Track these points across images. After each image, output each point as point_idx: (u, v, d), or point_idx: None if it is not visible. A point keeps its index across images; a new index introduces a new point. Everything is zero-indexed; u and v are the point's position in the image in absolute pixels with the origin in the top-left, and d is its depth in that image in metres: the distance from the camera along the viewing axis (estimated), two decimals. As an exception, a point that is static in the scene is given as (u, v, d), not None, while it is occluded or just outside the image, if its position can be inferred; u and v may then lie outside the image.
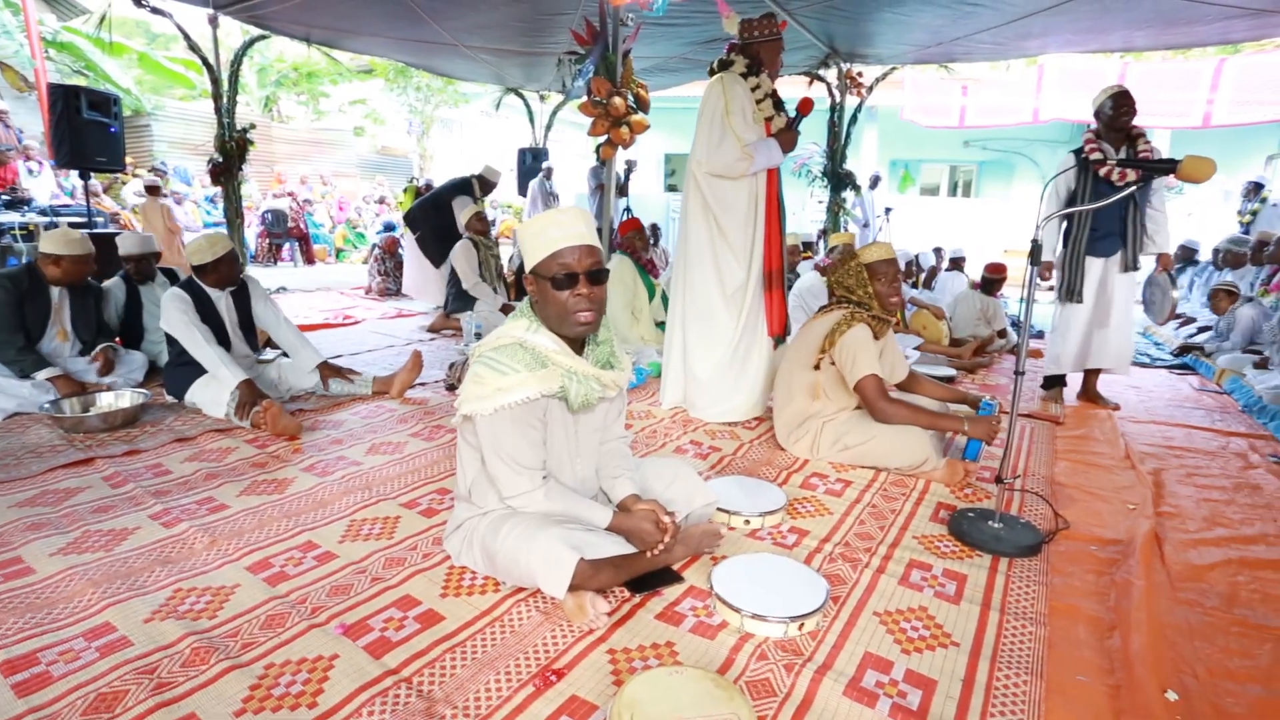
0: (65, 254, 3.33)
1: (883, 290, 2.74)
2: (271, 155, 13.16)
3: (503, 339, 1.66)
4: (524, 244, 1.66)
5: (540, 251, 1.62)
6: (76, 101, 6.50)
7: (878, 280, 2.73)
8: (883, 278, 2.73)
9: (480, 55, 7.27)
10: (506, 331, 1.67)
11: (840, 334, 2.66)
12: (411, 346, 4.82)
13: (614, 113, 4.39)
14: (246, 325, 3.40)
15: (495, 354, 1.63)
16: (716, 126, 3.01)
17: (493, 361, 1.62)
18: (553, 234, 1.61)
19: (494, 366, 1.61)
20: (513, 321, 1.70)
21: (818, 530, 2.17)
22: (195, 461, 2.58)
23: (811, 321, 2.87)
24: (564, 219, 1.63)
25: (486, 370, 1.61)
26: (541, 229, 1.62)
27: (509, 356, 1.61)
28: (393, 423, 3.09)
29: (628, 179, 7.43)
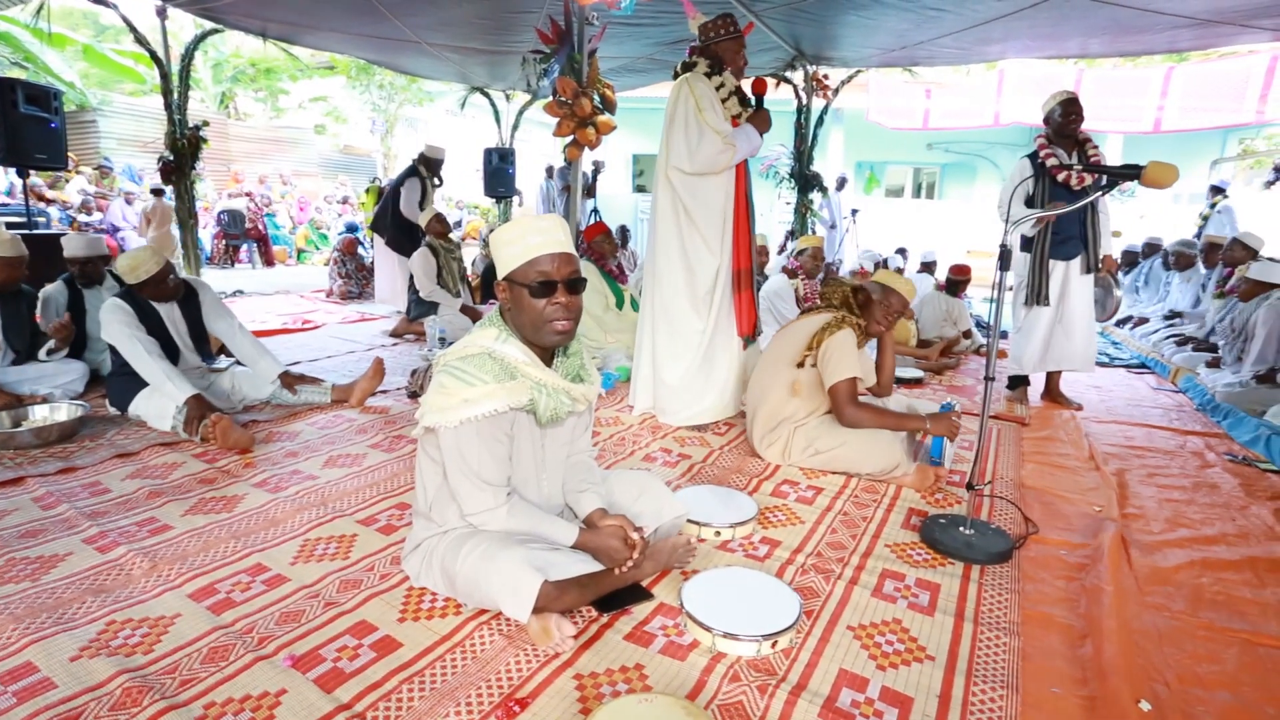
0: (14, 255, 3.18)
1: (880, 319, 2.75)
2: (228, 154, 12.76)
3: (470, 348, 1.58)
4: (499, 250, 1.59)
5: (516, 258, 1.55)
6: (12, 95, 6.15)
7: (884, 308, 2.73)
8: (890, 310, 2.74)
9: (444, 53, 7.12)
10: (474, 340, 1.59)
11: (829, 334, 2.64)
12: (373, 352, 4.68)
13: (580, 113, 4.32)
14: (197, 335, 3.24)
15: (462, 363, 1.55)
16: (693, 125, 2.98)
17: (459, 371, 1.54)
18: (531, 240, 1.54)
19: (460, 376, 1.53)
20: (481, 330, 1.62)
21: (789, 540, 2.13)
22: (137, 479, 2.44)
23: (797, 321, 2.86)
24: (543, 225, 1.57)
25: (452, 380, 1.53)
26: (519, 235, 1.55)
27: (476, 366, 1.54)
28: (351, 433, 2.97)
29: (595, 180, 7.34)
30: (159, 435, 2.89)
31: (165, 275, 3.02)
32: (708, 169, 3.03)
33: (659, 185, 3.17)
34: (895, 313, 2.78)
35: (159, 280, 3.00)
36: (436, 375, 1.58)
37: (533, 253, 1.54)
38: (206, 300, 3.27)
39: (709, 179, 3.08)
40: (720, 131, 2.98)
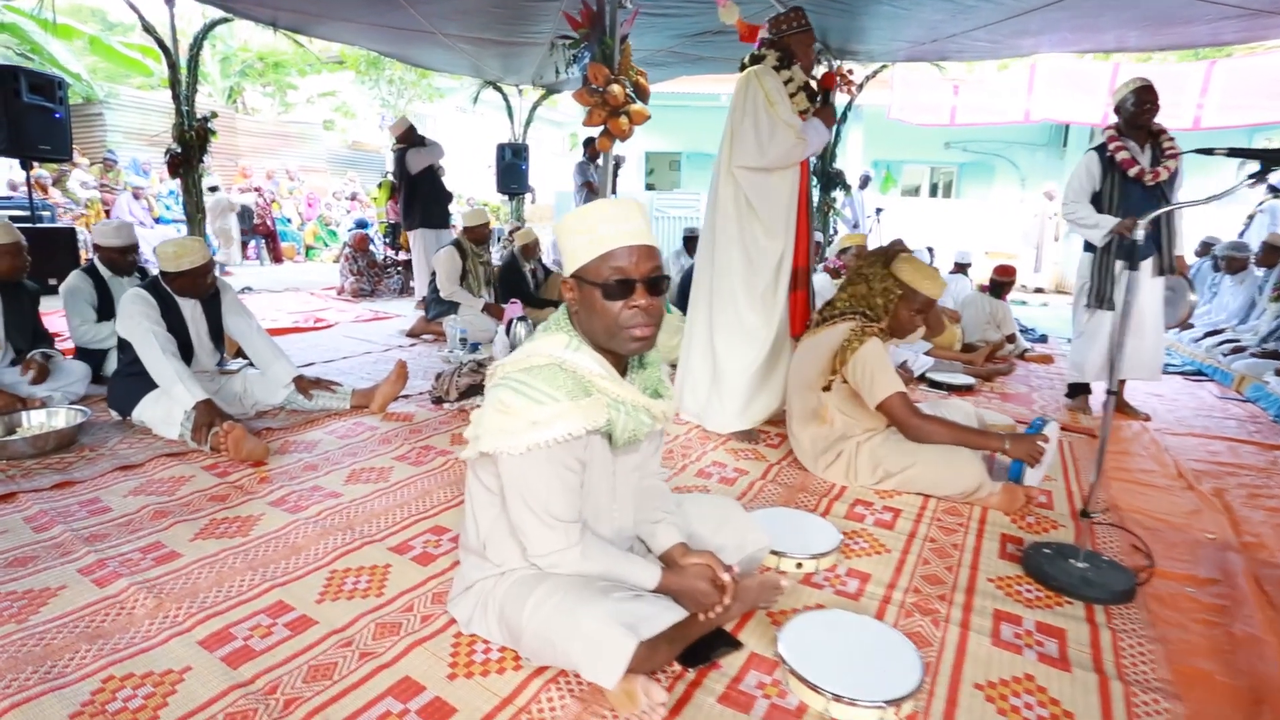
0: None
1: (905, 320, 2.48)
2: (236, 148, 12.53)
3: (535, 357, 1.32)
4: (565, 240, 1.33)
5: (586, 252, 1.29)
6: (15, 83, 5.97)
7: (909, 307, 2.46)
8: (916, 309, 2.47)
9: (458, 44, 6.90)
10: (539, 348, 1.34)
11: (852, 350, 2.38)
12: (391, 354, 4.43)
13: (612, 102, 4.07)
14: (215, 335, 3.01)
15: (527, 377, 1.29)
16: (764, 119, 2.80)
17: (524, 386, 1.28)
18: (604, 231, 1.29)
19: (526, 393, 1.27)
20: (546, 335, 1.36)
21: (879, 573, 1.88)
22: (141, 495, 2.19)
23: (814, 335, 2.59)
24: (618, 213, 1.31)
25: (516, 397, 1.27)
26: (589, 224, 1.30)
27: (545, 381, 1.28)
28: (374, 444, 2.72)
29: (616, 177, 7.09)
30: (165, 444, 2.65)
31: (208, 269, 2.80)
32: (779, 163, 2.85)
33: (720, 182, 2.98)
34: (920, 311, 2.50)
35: (200, 274, 2.78)
36: (494, 391, 1.33)
37: (605, 245, 1.29)
38: (227, 299, 3.03)
39: (775, 175, 2.89)
40: (792, 125, 2.78)
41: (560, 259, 1.38)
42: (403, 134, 6.09)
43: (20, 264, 3.04)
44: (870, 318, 2.48)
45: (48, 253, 6.49)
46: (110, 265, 3.57)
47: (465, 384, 3.09)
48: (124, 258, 3.58)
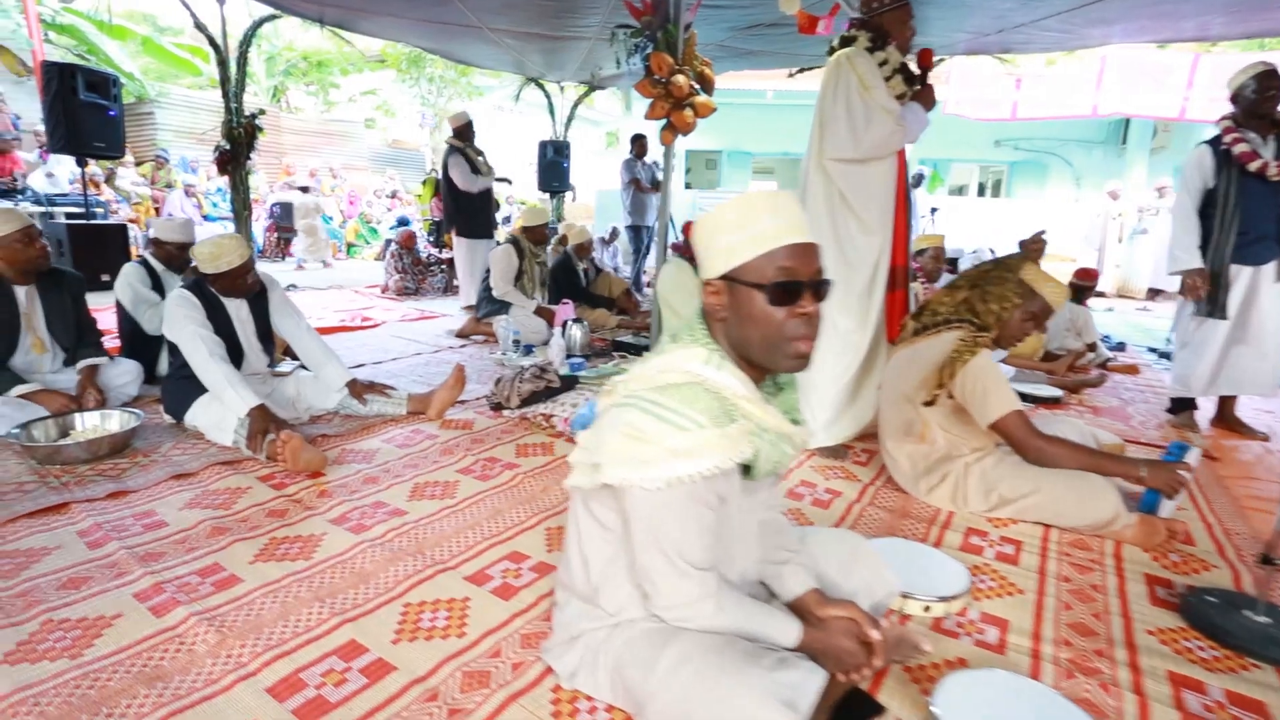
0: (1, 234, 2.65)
1: (1016, 329, 2.23)
2: (280, 146, 12.65)
3: (669, 373, 1.12)
4: (712, 237, 1.13)
5: (746, 249, 1.09)
6: (73, 81, 6.01)
7: (1025, 316, 2.21)
8: (1031, 318, 2.22)
9: (504, 39, 6.79)
10: (674, 364, 1.13)
11: (962, 363, 2.13)
12: (441, 355, 4.28)
13: (676, 93, 3.87)
14: (264, 335, 2.88)
15: (663, 397, 1.09)
16: (857, 106, 2.57)
17: (661, 409, 1.08)
18: (766, 225, 1.08)
19: (665, 417, 1.07)
20: (679, 347, 1.16)
21: (1018, 620, 1.64)
22: (197, 508, 2.05)
23: (911, 344, 2.35)
24: (780, 204, 1.11)
25: (653, 422, 1.07)
26: (749, 218, 1.09)
27: (687, 403, 1.08)
28: (435, 454, 2.56)
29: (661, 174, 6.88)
30: (219, 450, 2.52)
31: (248, 269, 2.67)
32: (877, 152, 2.61)
33: (810, 176, 2.76)
34: (1037, 322, 2.26)
35: (240, 274, 2.65)
36: (620, 412, 1.13)
37: (769, 241, 1.08)
38: (275, 298, 2.90)
39: (871, 167, 2.65)
40: (890, 110, 2.54)
41: (701, 258, 1.17)
42: (459, 129, 5.88)
43: (35, 253, 2.76)
44: (978, 326, 2.24)
45: (100, 249, 6.55)
46: (167, 261, 3.49)
47: (528, 390, 2.91)
48: (183, 254, 3.49)
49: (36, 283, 2.82)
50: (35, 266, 2.75)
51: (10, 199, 7.52)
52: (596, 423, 1.21)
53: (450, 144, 5.81)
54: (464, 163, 5.67)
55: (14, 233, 2.67)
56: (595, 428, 1.20)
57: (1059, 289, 2.20)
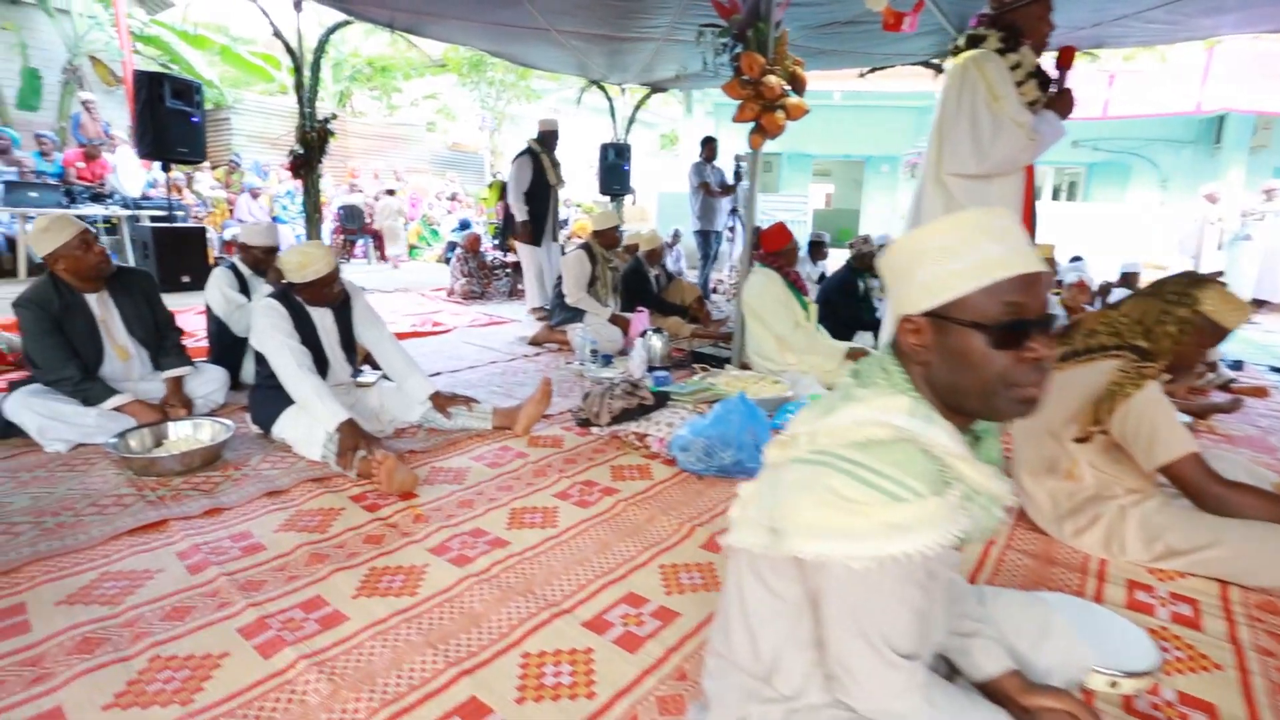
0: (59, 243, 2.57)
1: (1191, 357, 1.96)
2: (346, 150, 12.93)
3: (870, 427, 0.93)
4: (922, 267, 0.95)
5: (965, 281, 0.90)
6: (160, 89, 6.19)
7: (1202, 344, 1.95)
8: (1207, 346, 1.96)
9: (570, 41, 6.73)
10: (873, 415, 0.94)
11: (1124, 396, 1.87)
12: (517, 363, 4.19)
13: (767, 94, 3.68)
14: (348, 344, 2.82)
15: (869, 458, 0.91)
16: (984, 117, 2.33)
17: (869, 473, 0.90)
18: (989, 252, 0.90)
19: (876, 484, 0.89)
20: (875, 395, 0.97)
21: (1227, 705, 1.40)
22: (292, 531, 1.97)
23: (1061, 370, 2.09)
24: (1002, 225, 0.92)
25: (861, 488, 0.89)
26: (963, 243, 0.91)
27: (902, 467, 0.89)
28: (528, 475, 2.43)
29: (738, 178, 6.69)
30: (307, 465, 2.45)
31: (334, 278, 2.60)
32: (1004, 168, 2.38)
33: (928, 191, 2.55)
34: (1209, 348, 1.99)
35: (326, 283, 2.58)
36: (814, 472, 0.95)
37: (992, 273, 0.89)
38: (359, 307, 2.83)
39: (997, 182, 2.42)
40: (1022, 123, 2.30)
41: (896, 290, 1.00)
42: (544, 134, 5.73)
43: (95, 258, 2.65)
44: (1142, 353, 1.98)
45: (180, 251, 6.73)
46: (253, 265, 3.50)
47: (619, 408, 2.77)
48: (269, 258, 3.49)
49: (106, 288, 2.75)
50: (98, 272, 2.67)
51: (100, 202, 7.83)
52: (771, 479, 1.04)
53: (530, 145, 5.70)
54: (527, 169, 5.55)
55: (71, 239, 2.59)
56: (771, 485, 1.02)
57: (1241, 313, 1.94)
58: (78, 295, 2.67)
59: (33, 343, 2.58)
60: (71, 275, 2.64)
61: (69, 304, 2.64)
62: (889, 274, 1.03)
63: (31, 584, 1.68)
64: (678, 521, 2.10)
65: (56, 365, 2.58)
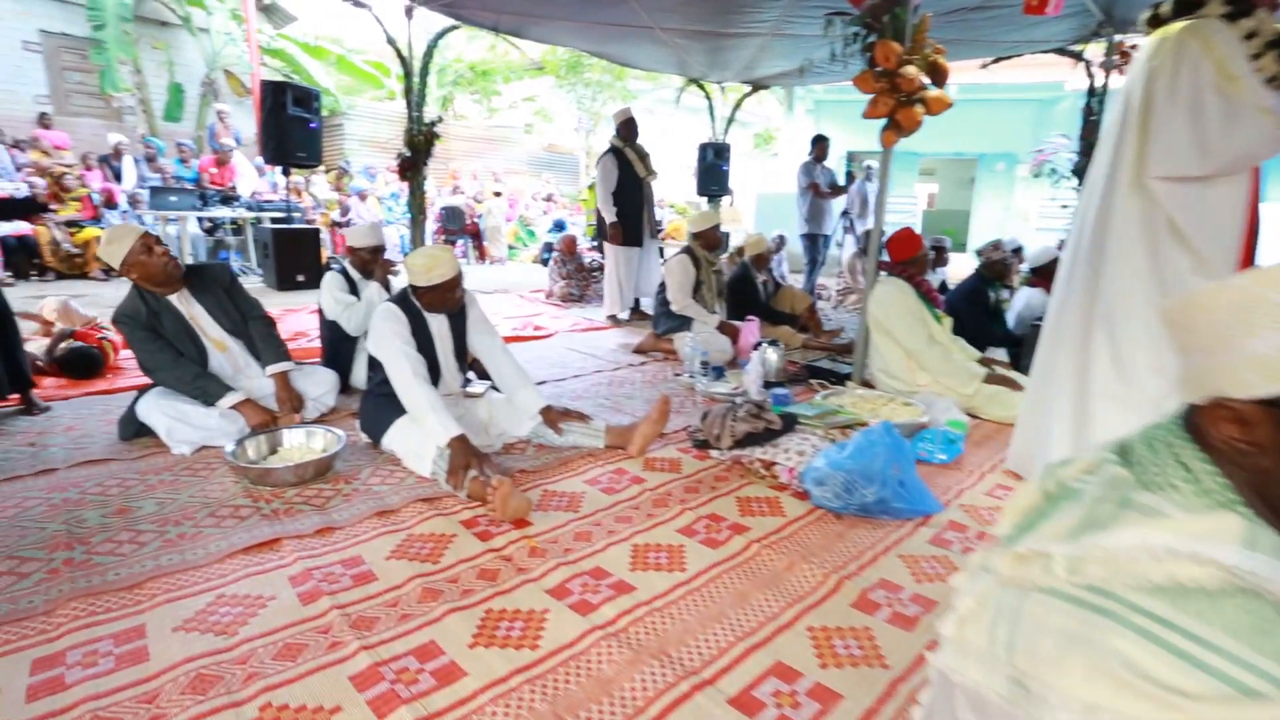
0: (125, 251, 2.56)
1: None
2: (448, 152, 13.28)
3: (1176, 562, 0.64)
4: (1255, 326, 0.67)
5: None
6: (283, 97, 6.46)
7: None
8: None
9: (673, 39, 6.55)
10: (1180, 544, 0.65)
11: None
12: (622, 373, 4.01)
13: (905, 87, 3.33)
14: (460, 353, 2.72)
15: (1187, 618, 0.61)
16: (1211, 103, 1.90)
17: (1187, 639, 0.60)
18: None
19: (1205, 663, 0.59)
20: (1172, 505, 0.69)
21: None
22: (403, 560, 1.85)
23: None
24: None
25: (1175, 664, 0.60)
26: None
27: (1247, 638, 0.59)
28: (648, 505, 2.23)
29: (850, 179, 6.28)
30: (416, 482, 2.35)
31: (457, 283, 2.50)
32: (1235, 167, 1.94)
33: (1119, 197, 2.13)
34: None
35: (449, 288, 2.48)
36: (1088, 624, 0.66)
37: None
38: (473, 315, 2.72)
39: (1217, 186, 1.99)
40: (1268, 109, 1.86)
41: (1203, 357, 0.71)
42: (620, 125, 5.52)
43: (159, 260, 2.61)
44: None
45: (296, 251, 7.02)
46: (361, 267, 3.49)
47: (743, 431, 2.52)
48: (375, 258, 3.48)
49: (186, 286, 2.74)
50: (165, 274, 2.64)
51: (228, 205, 8.32)
52: (1006, 604, 0.76)
53: (612, 143, 5.55)
54: (613, 171, 5.37)
55: (134, 245, 2.57)
56: (1009, 615, 0.75)
57: None
58: (161, 299, 2.68)
59: (140, 352, 2.63)
60: (145, 280, 2.64)
61: (155, 309, 2.66)
62: (1186, 332, 0.75)
63: (152, 603, 1.62)
64: (821, 571, 1.83)
65: (167, 366, 2.62)
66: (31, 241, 6.99)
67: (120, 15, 9.83)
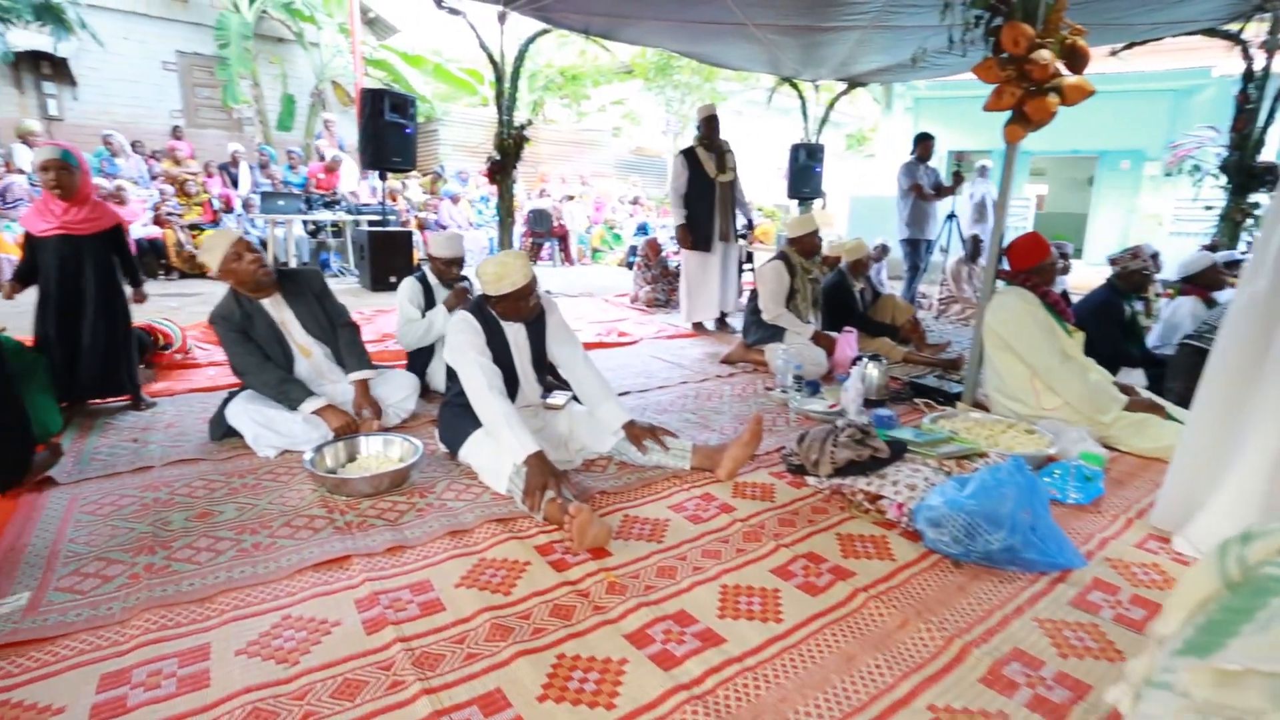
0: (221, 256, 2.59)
1: None
2: (537, 156, 13.48)
3: None
4: None
5: None
6: (381, 104, 6.65)
7: None
8: None
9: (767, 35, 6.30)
10: None
11: None
12: (709, 384, 3.80)
13: (1036, 74, 2.96)
14: (539, 362, 2.59)
15: None
16: None
17: None
18: None
19: None
20: None
21: None
22: (474, 588, 1.72)
23: None
24: None
25: None
26: None
27: None
28: (738, 539, 2.02)
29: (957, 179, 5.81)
30: (492, 499, 2.24)
31: (530, 290, 2.38)
32: None
33: None
34: None
35: (522, 295, 2.37)
36: None
37: None
38: (553, 323, 2.60)
39: None
40: None
41: None
42: (699, 124, 5.23)
43: (250, 265, 2.63)
44: None
45: (390, 253, 7.23)
46: (439, 276, 3.47)
47: (844, 459, 2.27)
48: (450, 269, 3.46)
49: (279, 291, 2.76)
50: (255, 280, 2.65)
51: (330, 209, 8.70)
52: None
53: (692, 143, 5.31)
54: (684, 169, 5.11)
55: (229, 251, 2.60)
56: None
57: None
58: (255, 303, 2.72)
59: (231, 353, 2.68)
60: (239, 284, 2.69)
61: (248, 312, 2.70)
62: None
63: (221, 619, 1.57)
64: (941, 634, 1.57)
65: (255, 370, 2.66)
66: (160, 244, 7.53)
67: (242, 34, 10.54)
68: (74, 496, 2.21)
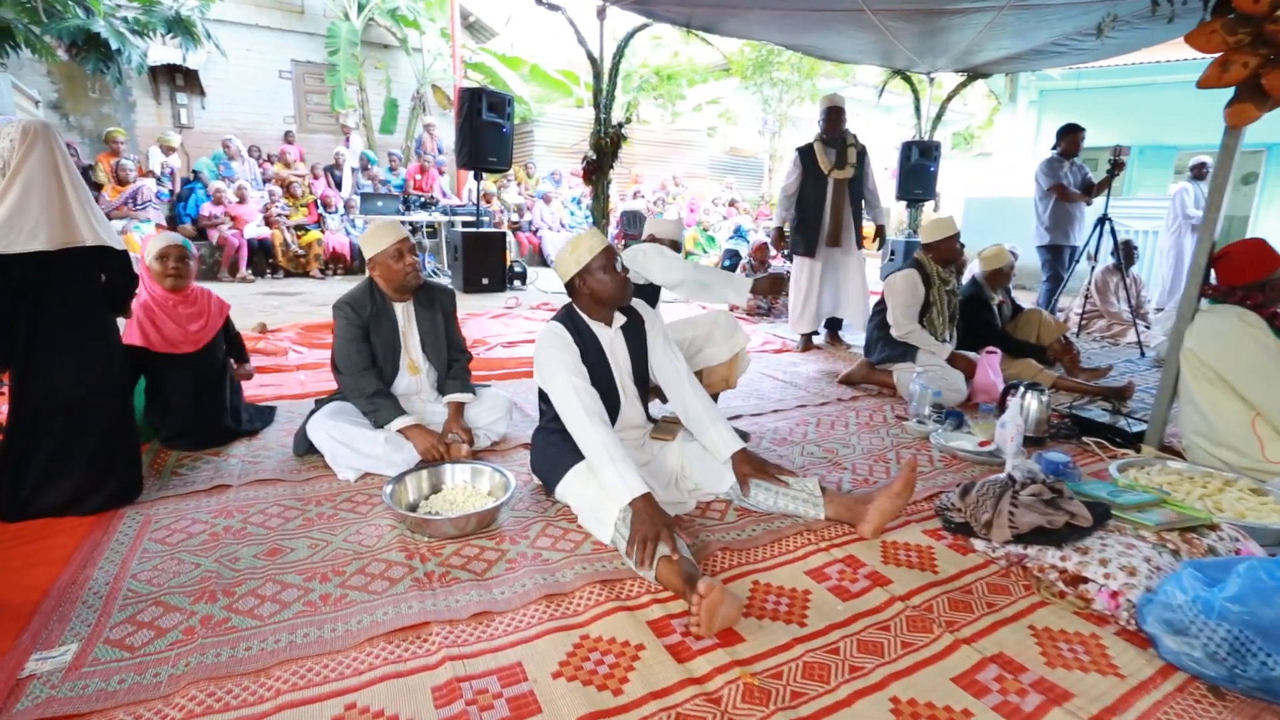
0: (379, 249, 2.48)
1: None
2: (631, 157, 13.26)
3: None
4: None
5: None
6: (478, 104, 6.56)
7: None
8: None
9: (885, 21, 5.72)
10: None
11: None
12: (829, 409, 3.34)
13: (1276, 38, 2.36)
14: (639, 375, 2.24)
15: None
16: None
17: None
18: None
19: None
20: None
21: None
22: (575, 679, 1.37)
23: None
24: None
25: None
26: None
27: None
28: (903, 626, 1.57)
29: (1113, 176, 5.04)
30: (593, 549, 1.90)
31: (610, 256, 2.07)
32: None
33: None
34: None
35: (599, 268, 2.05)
36: None
37: None
38: (654, 333, 2.25)
39: None
40: None
41: None
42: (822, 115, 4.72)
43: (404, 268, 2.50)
44: None
45: (483, 254, 7.14)
46: None
47: (1029, 523, 1.79)
48: None
49: (414, 300, 2.63)
50: (404, 284, 2.54)
51: (426, 209, 8.75)
52: None
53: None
54: (795, 167, 4.60)
55: (389, 247, 2.49)
56: None
57: None
58: (389, 303, 2.58)
59: (342, 344, 2.52)
60: (384, 282, 2.57)
61: (379, 310, 2.55)
62: None
63: (275, 702, 1.30)
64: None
65: (356, 371, 2.48)
66: (269, 244, 7.78)
67: (350, 41, 10.88)
68: (147, 518, 2.05)
